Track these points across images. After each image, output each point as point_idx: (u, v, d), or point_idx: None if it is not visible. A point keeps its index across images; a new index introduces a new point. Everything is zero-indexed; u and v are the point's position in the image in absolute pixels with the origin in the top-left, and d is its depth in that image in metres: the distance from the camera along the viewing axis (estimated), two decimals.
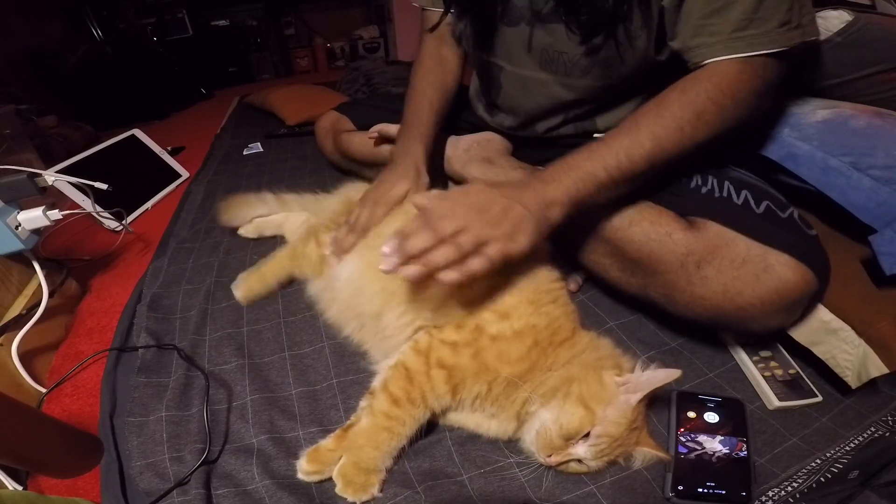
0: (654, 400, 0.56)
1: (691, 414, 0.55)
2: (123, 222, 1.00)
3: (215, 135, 1.75)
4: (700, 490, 0.48)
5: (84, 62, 1.98)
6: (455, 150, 0.86)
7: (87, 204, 0.96)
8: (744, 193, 0.58)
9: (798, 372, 0.60)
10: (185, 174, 1.41)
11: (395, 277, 0.55)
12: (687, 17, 0.54)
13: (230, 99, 2.27)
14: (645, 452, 0.49)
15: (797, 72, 0.72)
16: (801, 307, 0.55)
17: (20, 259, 0.77)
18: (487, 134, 0.88)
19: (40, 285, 0.73)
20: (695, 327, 0.65)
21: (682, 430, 0.53)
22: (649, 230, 0.59)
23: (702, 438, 0.52)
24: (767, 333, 0.60)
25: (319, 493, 0.51)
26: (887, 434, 0.54)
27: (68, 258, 0.96)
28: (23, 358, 0.67)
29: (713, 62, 0.53)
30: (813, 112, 0.64)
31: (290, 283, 0.82)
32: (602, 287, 0.77)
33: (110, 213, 1.04)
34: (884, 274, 0.53)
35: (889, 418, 0.56)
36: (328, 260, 0.72)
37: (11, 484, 0.54)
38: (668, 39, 0.58)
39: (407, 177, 0.73)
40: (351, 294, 0.66)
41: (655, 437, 0.52)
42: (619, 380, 0.50)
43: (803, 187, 0.62)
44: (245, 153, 1.52)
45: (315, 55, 2.96)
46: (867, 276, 0.57)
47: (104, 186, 0.90)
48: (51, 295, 0.73)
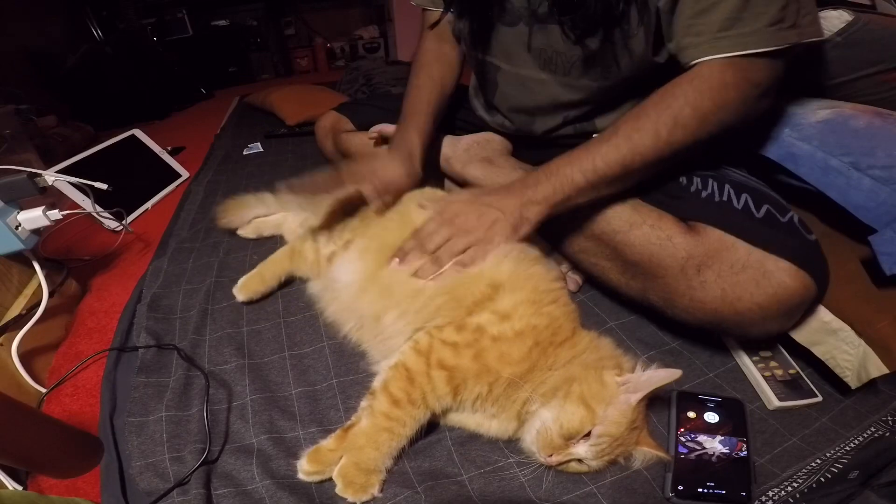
0: (654, 400, 0.56)
1: (691, 414, 0.55)
2: (123, 222, 1.01)
3: (215, 135, 1.76)
4: (700, 490, 0.48)
5: (84, 62, 1.99)
6: (455, 150, 0.86)
7: (87, 204, 0.96)
8: (744, 197, 0.58)
9: (798, 372, 0.60)
10: (185, 174, 1.41)
11: (393, 278, 0.62)
12: (678, 18, 0.54)
13: (230, 99, 2.27)
14: (645, 452, 0.49)
15: (798, 72, 0.72)
16: (800, 313, 0.55)
17: (20, 259, 0.77)
18: (487, 134, 0.88)
19: (40, 285, 0.73)
20: (695, 328, 0.65)
21: (682, 430, 0.53)
22: (649, 234, 0.58)
23: (702, 438, 0.52)
24: (767, 338, 0.60)
25: (319, 494, 0.51)
26: (887, 434, 0.54)
27: (68, 258, 0.96)
28: (23, 358, 0.67)
29: (699, 64, 0.53)
30: (813, 112, 0.64)
31: (291, 283, 0.82)
32: (602, 288, 0.77)
33: (110, 213, 1.04)
34: (884, 274, 0.53)
35: (889, 418, 0.56)
36: (283, 189, 0.69)
37: (11, 484, 0.54)
38: (665, 41, 0.58)
39: (399, 166, 0.72)
40: (351, 296, 0.66)
41: (655, 437, 0.52)
42: (620, 380, 0.50)
43: (803, 187, 0.62)
44: (245, 153, 1.52)
45: (315, 55, 2.96)
46: (867, 276, 0.57)
47: (104, 186, 0.91)
48: (51, 295, 0.73)
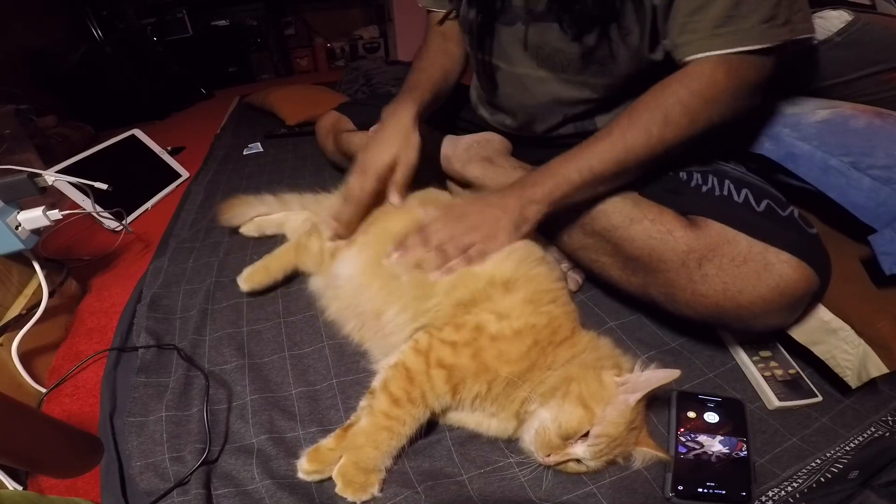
0: (654, 400, 0.56)
1: (691, 414, 0.55)
2: (123, 222, 1.01)
3: (215, 135, 1.75)
4: (700, 490, 0.48)
5: (84, 62, 1.98)
6: (455, 150, 0.86)
7: (87, 204, 0.96)
8: (744, 192, 0.58)
9: (798, 372, 0.60)
10: (185, 174, 1.41)
11: (394, 273, 0.62)
12: (674, 16, 0.54)
13: (230, 99, 2.27)
14: (644, 452, 0.49)
15: (797, 72, 0.72)
16: (803, 306, 0.55)
17: (20, 259, 0.77)
18: (487, 134, 0.88)
19: (40, 285, 0.73)
20: (695, 327, 0.65)
21: (682, 430, 0.53)
22: (650, 228, 0.58)
23: (702, 438, 0.52)
24: (768, 332, 0.60)
25: (319, 493, 0.51)
26: (887, 434, 0.54)
27: (68, 258, 0.96)
28: (23, 358, 0.67)
29: (691, 62, 0.54)
30: (813, 112, 0.64)
31: (291, 282, 0.82)
32: (602, 287, 0.77)
33: (110, 213, 1.04)
34: (884, 274, 0.53)
35: (889, 418, 0.56)
36: (330, 240, 0.72)
37: (11, 484, 0.54)
38: (661, 38, 0.58)
39: (393, 141, 0.70)
40: (352, 292, 0.67)
41: (655, 437, 0.52)
42: (619, 380, 0.50)
43: (803, 187, 0.62)
44: (245, 153, 1.51)
45: (315, 55, 2.96)
46: (867, 276, 0.57)
47: (104, 186, 0.91)
48: (51, 295, 0.73)
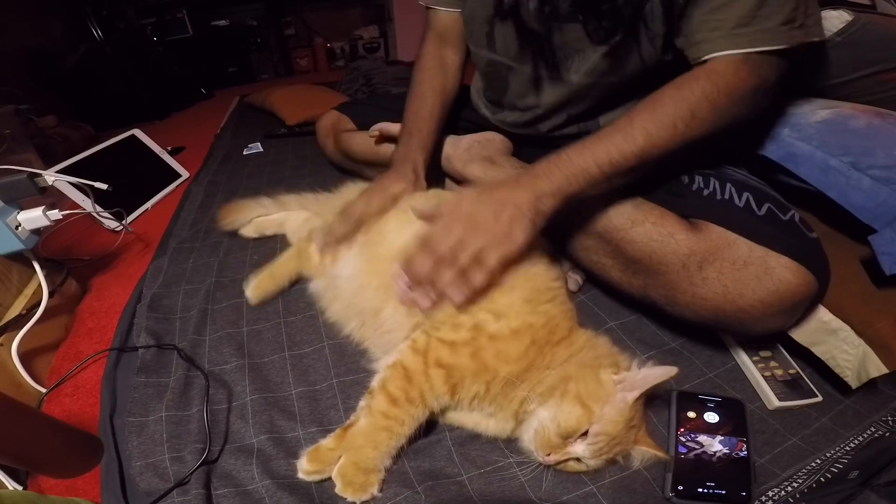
0: (654, 399, 0.57)
1: (691, 414, 0.55)
2: (123, 222, 1.00)
3: (215, 135, 1.75)
4: (700, 490, 0.48)
5: (84, 62, 1.99)
6: (456, 150, 0.86)
7: (87, 204, 0.96)
8: (745, 196, 0.58)
9: (798, 372, 0.60)
10: (185, 174, 1.41)
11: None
12: (693, 13, 0.55)
13: (230, 99, 2.27)
14: (643, 451, 0.49)
15: (798, 72, 0.72)
16: (801, 310, 0.55)
17: (20, 259, 0.77)
18: (488, 133, 0.88)
19: (40, 285, 0.73)
20: (695, 327, 0.65)
21: (682, 430, 0.53)
22: (651, 231, 0.58)
23: (702, 438, 0.52)
24: (767, 335, 0.60)
25: (319, 493, 0.51)
26: (887, 434, 0.54)
27: (68, 258, 0.96)
28: (23, 358, 0.67)
29: (712, 59, 0.53)
30: (813, 112, 0.64)
31: (293, 283, 0.82)
32: (602, 287, 0.77)
33: (110, 213, 1.04)
34: (884, 274, 0.53)
35: (889, 418, 0.56)
36: (320, 251, 0.72)
37: (11, 484, 0.54)
38: (675, 36, 0.58)
39: (405, 178, 0.75)
40: (352, 291, 0.67)
41: (655, 437, 0.52)
42: (616, 378, 0.50)
43: (803, 187, 0.62)
44: (245, 153, 1.52)
45: (315, 55, 2.96)
46: (867, 276, 0.57)
47: (104, 186, 0.91)
48: (51, 295, 0.73)
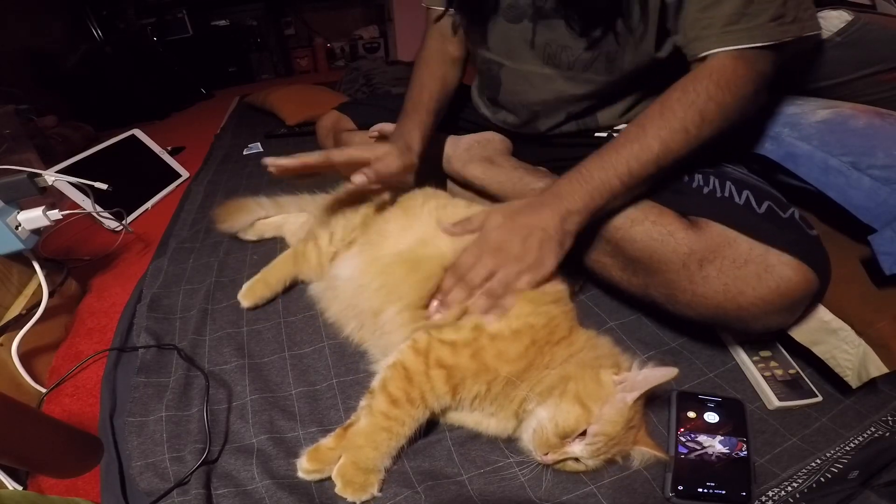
0: (654, 399, 0.57)
1: (691, 414, 0.55)
2: (123, 222, 1.01)
3: (215, 135, 1.75)
4: (700, 490, 0.48)
5: (84, 62, 1.99)
6: (455, 150, 0.86)
7: (87, 204, 0.96)
8: (745, 193, 0.58)
9: (798, 372, 0.60)
10: (185, 174, 1.41)
11: (394, 273, 0.62)
12: (686, 12, 0.55)
13: (230, 99, 2.27)
14: (643, 452, 0.49)
15: (798, 71, 0.72)
16: (802, 307, 0.55)
17: (20, 259, 0.77)
18: (488, 133, 0.88)
19: (40, 285, 0.73)
20: (695, 327, 0.65)
21: (682, 430, 0.53)
22: (651, 229, 0.58)
23: (702, 438, 0.52)
24: (768, 333, 0.60)
25: (319, 493, 0.51)
26: (887, 434, 0.54)
27: (68, 258, 0.96)
28: (23, 358, 0.67)
29: (710, 58, 0.54)
30: (813, 112, 0.64)
31: (287, 288, 0.82)
32: (602, 287, 0.77)
33: (110, 213, 1.04)
34: (884, 274, 0.53)
35: (889, 418, 0.56)
36: (269, 164, 0.68)
37: (11, 484, 0.54)
38: (671, 34, 0.59)
39: (395, 150, 0.70)
40: (352, 292, 0.67)
41: (655, 437, 0.52)
42: (616, 378, 0.50)
43: (803, 187, 0.62)
44: (245, 153, 1.52)
45: (315, 55, 2.96)
46: (867, 276, 0.57)
47: (104, 186, 0.91)
48: (51, 295, 0.73)
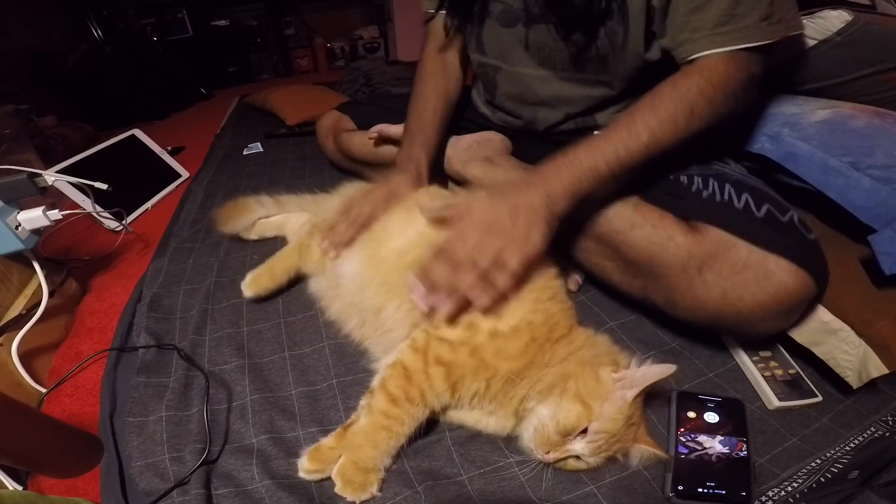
0: (654, 399, 0.57)
1: (691, 414, 0.55)
2: (123, 222, 1.00)
3: (215, 135, 1.75)
4: (700, 490, 0.48)
5: (84, 62, 1.98)
6: (455, 150, 0.86)
7: (87, 204, 0.96)
8: (744, 197, 0.58)
9: (798, 372, 0.60)
10: (185, 174, 1.41)
11: (397, 271, 0.61)
12: (672, 16, 0.56)
13: (230, 99, 2.27)
14: (643, 450, 0.49)
15: (797, 71, 0.72)
16: (800, 312, 0.56)
17: (20, 259, 0.77)
18: (487, 133, 0.88)
19: (40, 285, 0.73)
20: (695, 328, 0.65)
21: (682, 430, 0.53)
22: (651, 233, 0.59)
23: (702, 438, 0.52)
24: (767, 336, 0.60)
25: (319, 493, 0.51)
26: (887, 434, 0.54)
27: (68, 258, 0.96)
28: (23, 358, 0.67)
29: (702, 58, 0.55)
30: (813, 112, 0.64)
31: (292, 282, 0.82)
32: (602, 288, 0.77)
33: (110, 213, 1.04)
34: (883, 274, 0.53)
35: (889, 418, 0.56)
36: (324, 252, 0.72)
37: (11, 484, 0.54)
38: (658, 37, 0.60)
39: (409, 179, 0.76)
40: (353, 290, 0.67)
41: (655, 437, 0.52)
42: (616, 376, 0.50)
43: (803, 187, 0.62)
44: (245, 153, 1.52)
45: (315, 55, 2.96)
46: (867, 276, 0.57)
47: (104, 186, 0.91)
48: (51, 295, 0.73)
